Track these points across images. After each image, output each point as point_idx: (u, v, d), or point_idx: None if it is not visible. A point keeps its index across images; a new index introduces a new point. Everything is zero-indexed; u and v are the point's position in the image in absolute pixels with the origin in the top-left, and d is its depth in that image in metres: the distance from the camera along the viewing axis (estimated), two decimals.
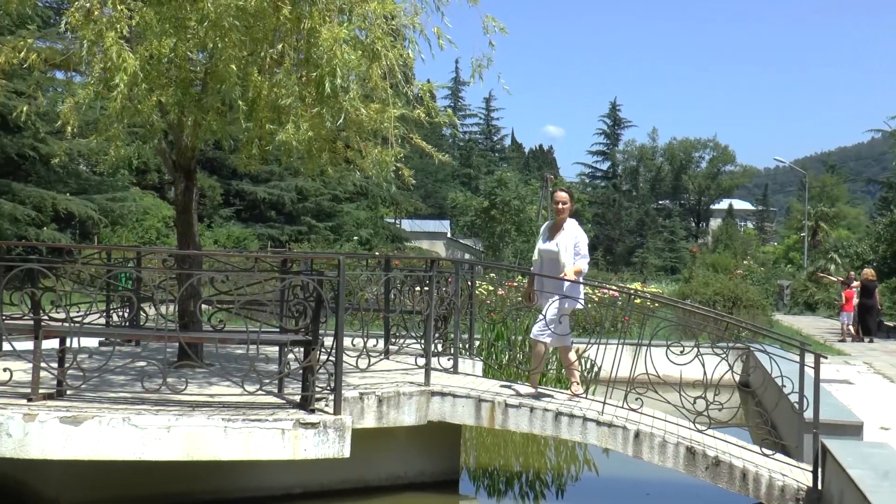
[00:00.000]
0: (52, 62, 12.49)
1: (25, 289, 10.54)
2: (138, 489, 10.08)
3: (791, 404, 12.10)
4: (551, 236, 11.84)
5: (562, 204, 11.85)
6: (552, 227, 11.94)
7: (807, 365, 10.96)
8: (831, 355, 22.78)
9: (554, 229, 11.86)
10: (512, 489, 12.83)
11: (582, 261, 11.68)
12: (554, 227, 11.88)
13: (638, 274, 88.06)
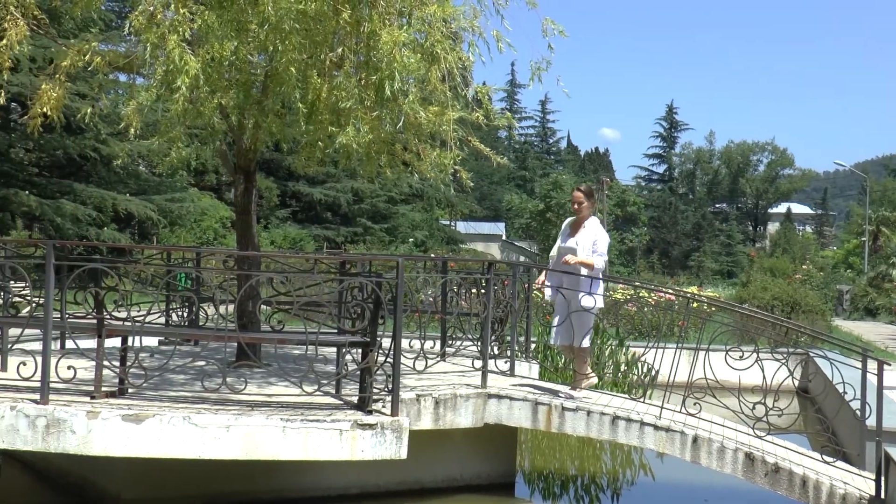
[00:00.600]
0: (115, 65, 12.64)
1: (89, 288, 10.67)
2: (197, 488, 10.18)
3: (853, 411, 11.97)
4: (572, 234, 11.67)
5: (577, 203, 11.69)
6: (573, 224, 11.76)
7: (869, 371, 10.84)
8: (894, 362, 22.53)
9: (575, 227, 11.69)
10: (567, 493, 12.81)
11: (598, 258, 11.49)
12: (575, 225, 11.70)
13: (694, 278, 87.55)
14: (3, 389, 9.57)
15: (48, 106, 11.74)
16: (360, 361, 9.64)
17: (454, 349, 13.19)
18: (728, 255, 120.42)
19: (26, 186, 34.59)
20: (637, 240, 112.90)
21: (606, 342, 17.75)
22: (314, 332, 10.35)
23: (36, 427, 8.83)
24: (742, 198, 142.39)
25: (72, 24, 23.44)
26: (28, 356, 9.57)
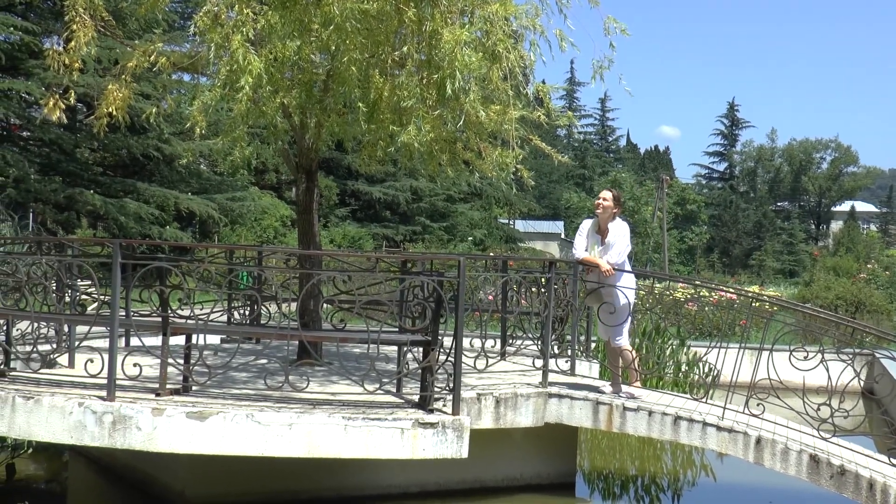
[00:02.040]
0: (179, 65, 12.76)
1: (153, 286, 10.78)
2: (259, 486, 10.25)
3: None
4: (602, 236, 11.59)
5: (603, 204, 11.58)
6: (598, 227, 11.69)
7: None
8: None
9: (602, 232, 11.65)
10: (627, 493, 12.78)
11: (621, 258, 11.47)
12: (601, 230, 11.67)
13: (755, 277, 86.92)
14: (70, 386, 9.70)
15: (114, 106, 11.87)
16: (422, 360, 9.66)
17: (514, 348, 13.23)
18: (790, 253, 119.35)
19: (91, 186, 34.93)
20: (697, 238, 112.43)
21: (668, 342, 17.68)
22: (375, 331, 10.38)
23: (103, 423, 8.93)
24: (804, 196, 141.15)
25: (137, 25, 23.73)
26: (95, 353, 9.67)
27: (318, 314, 11.91)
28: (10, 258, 11.38)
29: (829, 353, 11.28)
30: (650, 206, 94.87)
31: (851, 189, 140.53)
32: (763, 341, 11.56)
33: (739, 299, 17.29)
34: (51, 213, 35.75)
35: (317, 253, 12.11)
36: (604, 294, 11.58)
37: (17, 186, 33.90)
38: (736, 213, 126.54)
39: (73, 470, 11.96)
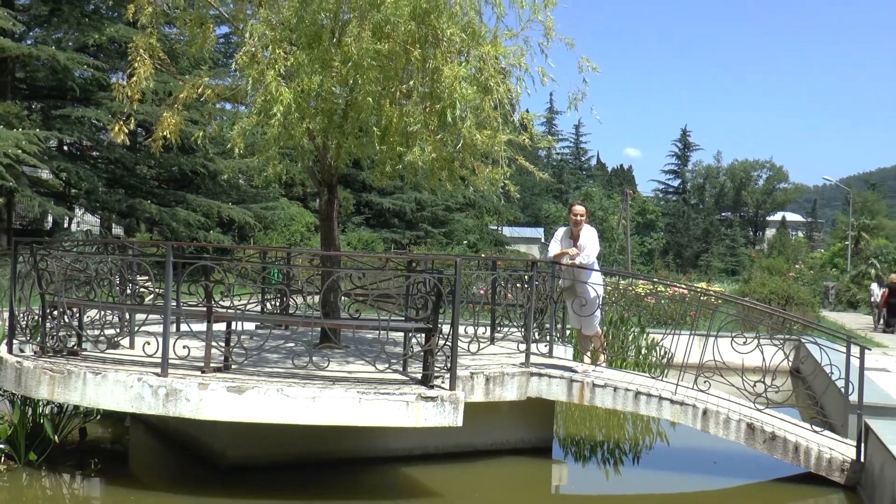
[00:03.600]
0: (222, 96, 12.74)
1: (200, 281, 10.76)
2: (288, 448, 10.22)
3: (838, 389, 11.90)
4: (574, 240, 11.66)
5: (580, 216, 11.68)
6: (571, 234, 11.73)
7: (852, 355, 10.80)
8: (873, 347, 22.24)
9: (574, 237, 11.69)
10: (595, 456, 12.75)
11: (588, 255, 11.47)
12: (573, 235, 11.70)
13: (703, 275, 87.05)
14: (131, 364, 9.69)
15: (168, 130, 11.87)
16: (424, 344, 9.64)
17: (502, 334, 13.26)
18: (732, 256, 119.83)
19: (148, 197, 34.93)
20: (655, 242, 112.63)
21: (630, 329, 17.67)
22: (385, 320, 10.42)
23: (158, 395, 8.93)
24: (744, 207, 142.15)
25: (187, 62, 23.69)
26: (151, 337, 9.66)
27: (337, 305, 11.89)
28: (81, 257, 11.38)
29: (763, 338, 11.39)
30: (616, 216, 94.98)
31: (782, 202, 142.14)
32: (709, 329, 11.58)
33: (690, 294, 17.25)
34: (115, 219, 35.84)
35: (336, 254, 12.07)
36: (577, 290, 11.58)
37: (87, 197, 33.97)
38: (687, 221, 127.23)
39: (133, 433, 11.93)
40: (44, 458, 10.03)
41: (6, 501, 9.18)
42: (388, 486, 10.10)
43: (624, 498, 10.91)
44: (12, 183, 28.31)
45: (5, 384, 10.20)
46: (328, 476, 10.13)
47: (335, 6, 10.58)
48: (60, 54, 30.58)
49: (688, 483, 11.03)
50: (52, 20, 33.24)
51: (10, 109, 29.33)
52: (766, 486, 10.68)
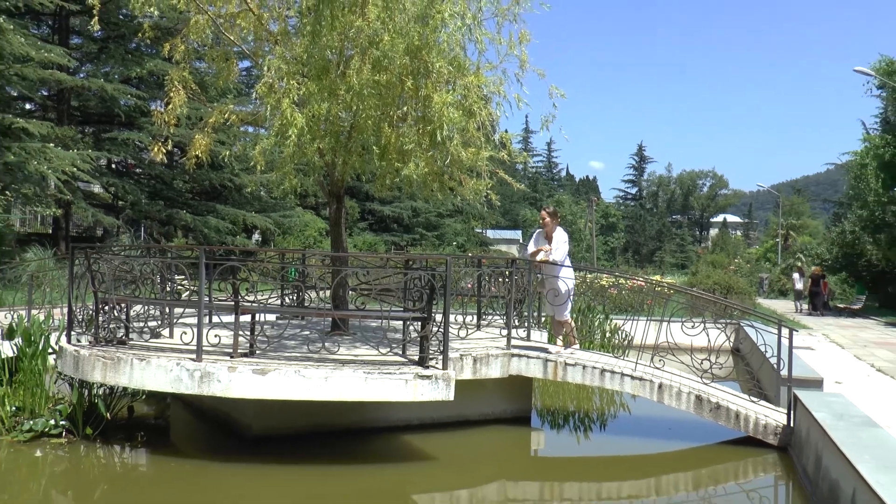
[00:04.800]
0: (245, 120, 12.73)
1: (228, 279, 10.74)
2: (305, 420, 10.22)
3: (771, 365, 11.91)
4: (547, 240, 11.63)
5: (543, 219, 11.67)
6: (544, 235, 11.68)
7: (783, 336, 10.82)
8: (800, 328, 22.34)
9: (548, 236, 11.65)
10: (568, 424, 12.75)
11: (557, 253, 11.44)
12: (547, 235, 11.66)
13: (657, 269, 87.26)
14: (171, 351, 9.67)
15: (199, 150, 11.86)
16: (420, 331, 9.64)
17: (486, 322, 13.30)
18: (682, 252, 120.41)
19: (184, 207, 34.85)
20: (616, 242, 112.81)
21: (596, 316, 17.68)
22: (387, 311, 10.42)
23: (193, 377, 8.90)
24: (691, 211, 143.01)
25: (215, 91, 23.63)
26: (187, 328, 9.65)
27: (346, 299, 11.88)
28: (128, 259, 11.36)
29: (708, 323, 11.39)
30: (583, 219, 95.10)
31: (723, 206, 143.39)
32: (663, 315, 11.61)
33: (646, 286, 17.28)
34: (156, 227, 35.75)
35: (344, 255, 12.05)
36: (550, 283, 11.59)
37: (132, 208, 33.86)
38: (643, 223, 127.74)
39: (173, 410, 11.90)
40: (98, 432, 10.02)
41: (68, 469, 9.17)
42: (390, 451, 10.09)
43: (593, 459, 10.91)
44: (69, 196, 28.28)
45: (65, 369, 10.20)
46: (339, 444, 10.12)
47: (340, 44, 10.59)
48: (108, 86, 30.53)
49: (647, 447, 11.04)
50: (100, 56, 33.20)
51: (66, 133, 29.26)
52: (713, 448, 10.70)
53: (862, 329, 26.37)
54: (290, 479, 8.81)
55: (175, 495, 8.31)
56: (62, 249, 29.33)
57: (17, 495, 8.33)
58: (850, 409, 9.40)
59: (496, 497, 8.89)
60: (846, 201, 53.05)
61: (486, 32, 10.60)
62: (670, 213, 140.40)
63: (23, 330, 10.96)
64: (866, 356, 17.38)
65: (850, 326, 27.46)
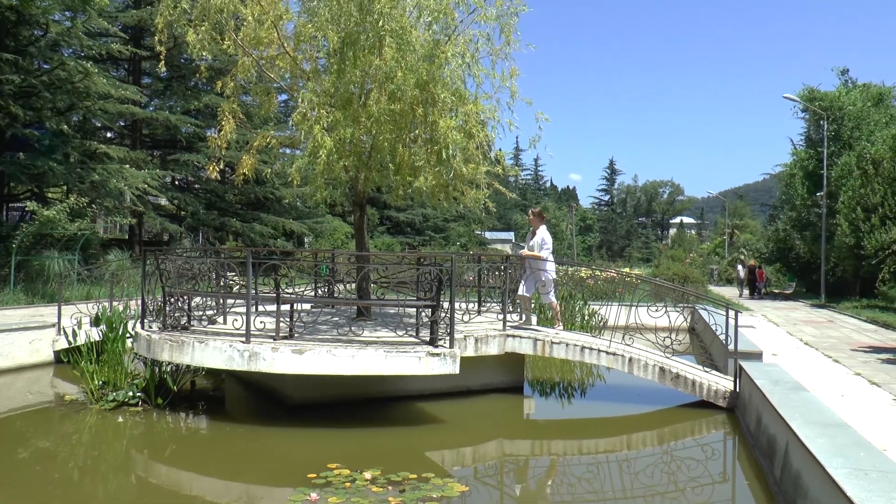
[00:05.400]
0: (284, 143, 12.71)
1: (271, 275, 10.72)
2: (335, 391, 10.19)
3: (721, 341, 11.87)
4: (532, 237, 11.70)
5: (530, 218, 11.83)
6: (532, 233, 11.71)
7: (730, 317, 10.78)
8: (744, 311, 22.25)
9: (533, 233, 11.69)
10: (554, 392, 12.69)
11: (544, 251, 11.45)
12: (532, 232, 11.71)
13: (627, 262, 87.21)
14: (225, 335, 9.64)
15: (246, 169, 11.86)
16: (430, 316, 9.58)
17: (486, 308, 13.24)
18: (646, 248, 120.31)
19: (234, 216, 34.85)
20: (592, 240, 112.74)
21: (576, 302, 17.62)
22: (402, 300, 10.38)
23: (243, 356, 8.88)
24: (654, 214, 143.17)
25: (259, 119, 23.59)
26: (237, 316, 9.64)
27: (368, 290, 11.86)
28: (189, 260, 11.35)
29: (669, 307, 11.33)
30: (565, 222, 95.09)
31: (680, 209, 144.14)
32: (632, 301, 11.54)
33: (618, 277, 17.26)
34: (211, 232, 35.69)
35: (366, 254, 12.02)
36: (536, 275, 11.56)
37: (192, 217, 33.86)
38: (615, 225, 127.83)
39: (227, 384, 11.89)
40: (167, 402, 10.03)
41: (144, 432, 9.16)
42: (406, 416, 10.05)
43: (575, 421, 10.87)
44: (142, 208, 28.35)
45: (140, 350, 10.23)
46: (364, 410, 10.09)
47: (361, 79, 10.59)
48: (172, 117, 30.54)
49: (619, 410, 10.97)
50: (166, 93, 33.25)
51: (139, 156, 29.29)
52: (674, 410, 10.64)
53: (792, 310, 26.30)
54: (323, 440, 8.78)
55: (230, 453, 8.30)
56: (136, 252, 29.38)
57: (106, 452, 8.36)
58: (784, 376, 9.39)
59: (495, 453, 8.85)
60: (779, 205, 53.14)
61: (482, 69, 10.59)
62: (637, 216, 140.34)
63: (106, 318, 10.97)
64: (796, 332, 17.31)
65: (783, 308, 27.39)
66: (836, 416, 7.10)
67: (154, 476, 7.68)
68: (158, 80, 33.88)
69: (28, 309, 16.79)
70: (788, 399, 7.85)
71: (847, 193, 28.16)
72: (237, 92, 12.25)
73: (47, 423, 9.77)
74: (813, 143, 36.11)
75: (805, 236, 37.32)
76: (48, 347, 13.67)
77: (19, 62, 21.85)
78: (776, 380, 9.01)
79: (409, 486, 6.92)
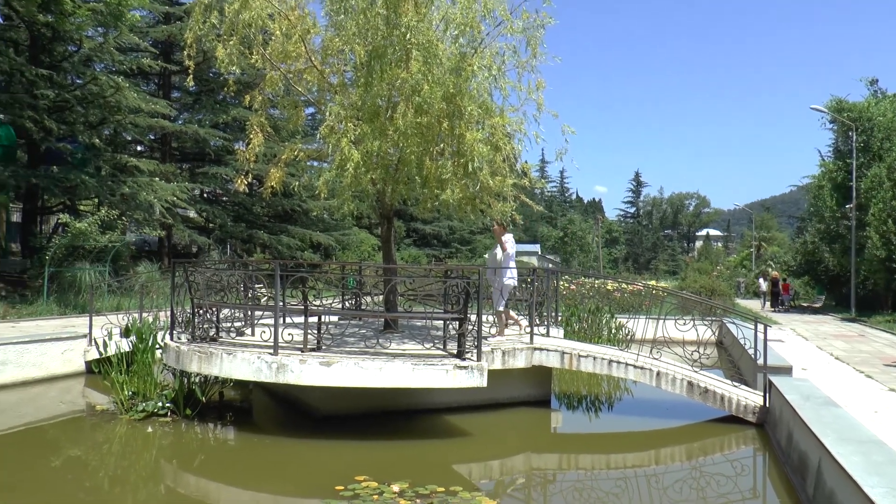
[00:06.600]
0: (311, 156, 12.77)
1: (298, 287, 10.76)
2: (362, 403, 10.18)
3: (749, 355, 11.72)
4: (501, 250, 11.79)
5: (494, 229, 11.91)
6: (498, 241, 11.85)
7: (758, 331, 10.64)
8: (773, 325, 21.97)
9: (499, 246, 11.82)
10: (581, 405, 12.59)
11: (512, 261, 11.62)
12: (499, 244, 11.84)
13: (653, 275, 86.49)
14: (253, 347, 9.69)
15: (274, 181, 11.94)
16: (458, 329, 9.57)
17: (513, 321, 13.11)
18: (672, 261, 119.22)
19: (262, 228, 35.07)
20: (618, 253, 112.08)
21: (602, 315, 17.49)
22: (430, 312, 10.36)
23: (271, 368, 8.91)
24: (680, 226, 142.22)
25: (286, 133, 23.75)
26: (265, 327, 9.68)
27: (395, 302, 11.84)
28: (217, 272, 11.43)
29: (697, 320, 11.22)
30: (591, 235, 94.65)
31: (706, 222, 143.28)
32: (659, 314, 11.45)
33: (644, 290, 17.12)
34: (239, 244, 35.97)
35: (393, 266, 12.03)
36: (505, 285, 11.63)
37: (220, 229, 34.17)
38: (641, 237, 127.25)
39: (255, 395, 11.93)
40: (195, 412, 10.10)
41: (173, 442, 9.23)
42: (434, 428, 10.02)
43: (602, 435, 10.76)
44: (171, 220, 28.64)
45: (169, 361, 10.30)
46: (390, 422, 10.07)
47: (388, 93, 10.62)
48: (201, 130, 30.89)
49: (648, 424, 10.86)
50: (195, 106, 33.69)
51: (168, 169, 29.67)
52: (702, 425, 10.50)
53: (822, 324, 25.88)
54: (351, 451, 8.77)
55: (257, 464, 8.31)
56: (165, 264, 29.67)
57: (135, 462, 8.42)
58: (815, 391, 9.24)
59: (523, 467, 8.79)
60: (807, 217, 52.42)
61: (508, 81, 10.58)
62: (663, 229, 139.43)
63: (136, 329, 11.06)
64: (826, 346, 17.02)
65: (812, 322, 26.96)
66: (870, 432, 6.97)
67: (182, 486, 7.72)
68: (187, 93, 34.34)
69: (60, 319, 17.02)
70: (820, 415, 7.71)
71: (878, 205, 27.73)
72: (265, 105, 12.35)
73: (78, 433, 9.87)
74: (841, 154, 35.68)
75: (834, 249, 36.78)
76: (80, 358, 13.84)
77: (53, 77, 22.26)
78: (807, 395, 8.87)
79: (437, 499, 6.89)
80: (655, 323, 11.17)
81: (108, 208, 21.54)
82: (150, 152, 33.30)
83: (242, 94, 13.09)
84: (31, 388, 12.62)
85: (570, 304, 18.54)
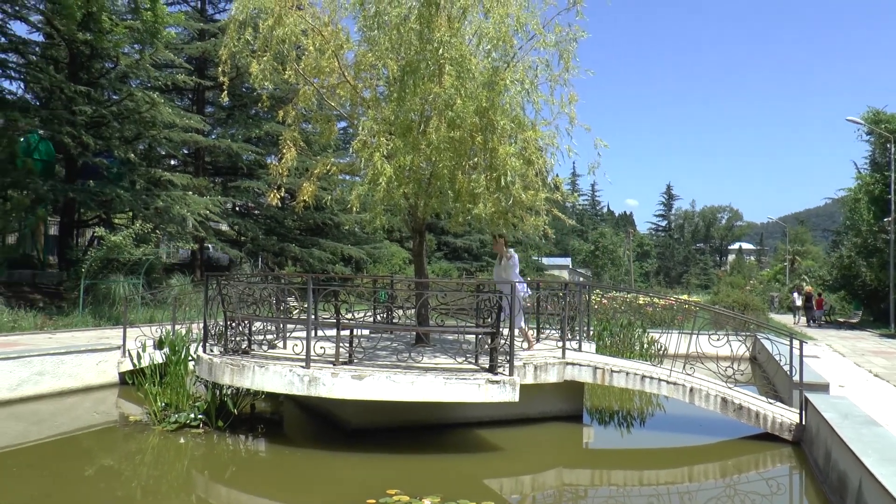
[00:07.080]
0: (343, 170, 12.86)
1: (330, 301, 10.81)
2: (394, 417, 10.16)
3: (785, 371, 11.53)
4: (499, 262, 11.92)
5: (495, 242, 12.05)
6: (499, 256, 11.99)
7: (794, 347, 10.47)
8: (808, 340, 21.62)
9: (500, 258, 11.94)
10: (613, 421, 12.46)
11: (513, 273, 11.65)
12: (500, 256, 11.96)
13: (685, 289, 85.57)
14: (285, 360, 9.73)
15: (306, 195, 12.00)
16: (490, 343, 9.54)
17: (545, 335, 13.09)
18: (705, 275, 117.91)
19: (293, 241, 35.32)
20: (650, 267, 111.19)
21: (635, 330, 17.33)
22: (462, 326, 10.34)
23: (303, 381, 8.94)
24: (712, 240, 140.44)
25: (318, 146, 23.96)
26: (297, 340, 9.72)
27: (427, 316, 11.84)
28: (249, 285, 11.51)
29: (730, 335, 11.08)
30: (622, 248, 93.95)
31: (739, 235, 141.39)
32: (692, 329, 11.32)
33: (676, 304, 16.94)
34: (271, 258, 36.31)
35: (425, 280, 12.05)
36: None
37: (252, 242, 34.49)
38: (672, 251, 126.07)
39: (286, 407, 11.98)
40: (227, 424, 10.17)
41: (205, 453, 9.30)
42: (465, 443, 9.98)
43: (635, 451, 10.63)
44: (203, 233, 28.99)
45: (202, 373, 10.38)
46: (423, 436, 10.04)
47: (420, 107, 10.65)
48: (234, 144, 31.30)
49: (681, 440, 10.72)
50: (228, 121, 34.10)
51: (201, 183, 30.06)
52: (736, 442, 10.34)
53: (859, 340, 25.38)
54: (382, 465, 8.76)
55: (288, 476, 8.33)
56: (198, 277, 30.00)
57: (167, 473, 8.49)
58: (854, 409, 9.04)
59: (554, 482, 8.71)
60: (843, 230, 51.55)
61: (541, 95, 10.55)
62: (694, 242, 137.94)
63: (169, 342, 11.19)
64: (864, 363, 16.68)
65: (849, 338, 26.45)
66: None
67: (214, 497, 7.76)
68: (221, 108, 34.82)
69: (95, 331, 17.28)
70: (860, 433, 7.55)
71: None
72: (298, 120, 12.47)
73: (112, 443, 9.99)
74: (878, 166, 35.09)
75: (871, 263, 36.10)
76: (114, 369, 14.02)
77: (91, 93, 22.72)
78: (845, 413, 8.69)
79: None
80: (688, 338, 11.05)
81: (142, 222, 21.87)
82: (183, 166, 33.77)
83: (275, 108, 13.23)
84: (67, 398, 12.81)
85: (602, 318, 18.39)
